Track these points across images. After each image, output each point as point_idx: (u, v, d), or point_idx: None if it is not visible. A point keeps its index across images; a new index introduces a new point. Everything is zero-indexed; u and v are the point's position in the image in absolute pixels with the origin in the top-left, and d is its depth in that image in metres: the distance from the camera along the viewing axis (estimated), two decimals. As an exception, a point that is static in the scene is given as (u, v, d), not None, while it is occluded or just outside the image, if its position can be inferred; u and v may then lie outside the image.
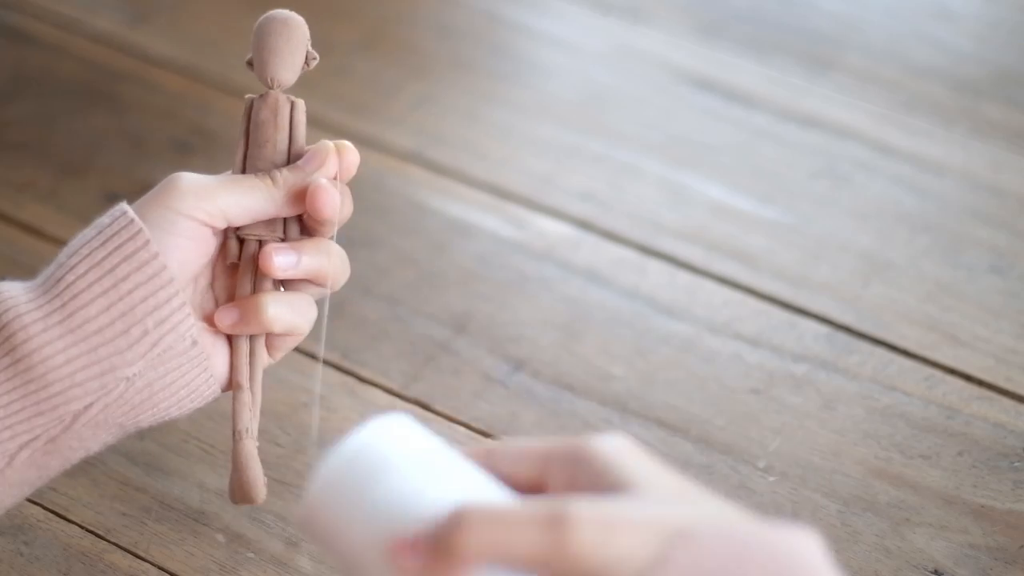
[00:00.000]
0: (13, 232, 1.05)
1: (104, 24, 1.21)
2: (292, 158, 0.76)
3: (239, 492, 0.75)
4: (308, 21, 0.80)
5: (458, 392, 0.93)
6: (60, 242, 1.05)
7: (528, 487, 0.56)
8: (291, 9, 0.80)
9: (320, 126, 1.12)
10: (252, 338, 0.76)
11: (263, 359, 0.76)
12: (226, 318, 0.75)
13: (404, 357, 0.96)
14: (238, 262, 0.77)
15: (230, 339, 0.76)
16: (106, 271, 0.70)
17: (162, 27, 1.21)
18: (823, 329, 0.97)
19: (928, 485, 0.88)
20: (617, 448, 0.55)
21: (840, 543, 0.85)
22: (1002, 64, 1.17)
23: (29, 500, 0.87)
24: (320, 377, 0.92)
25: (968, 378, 0.94)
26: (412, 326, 0.97)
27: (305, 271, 0.75)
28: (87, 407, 0.70)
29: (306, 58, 0.79)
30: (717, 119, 1.13)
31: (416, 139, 1.11)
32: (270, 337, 0.76)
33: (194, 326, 0.72)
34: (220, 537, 0.86)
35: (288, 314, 0.75)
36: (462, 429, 0.91)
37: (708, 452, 0.90)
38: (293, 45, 0.78)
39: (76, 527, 0.86)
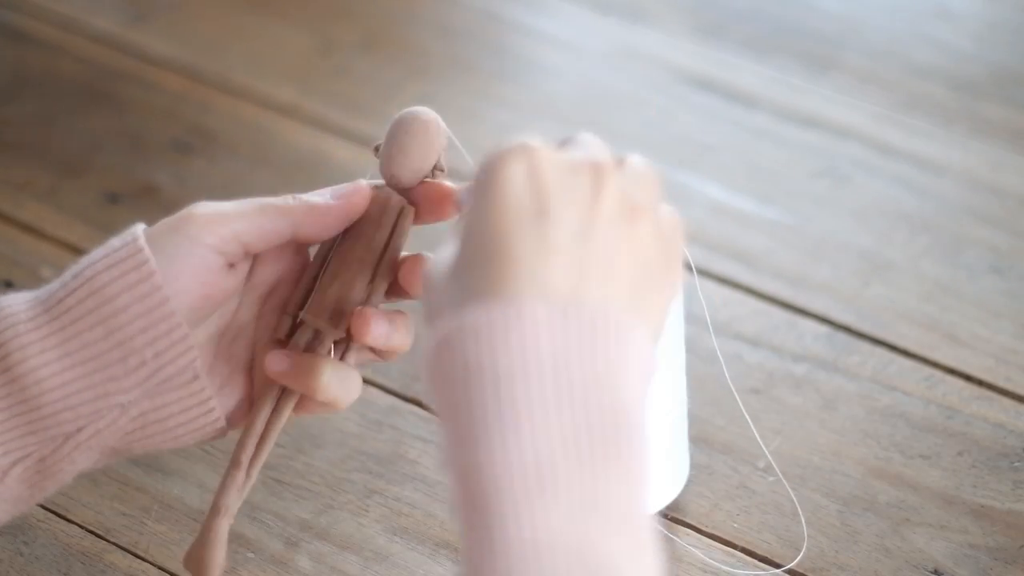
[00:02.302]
0: (13, 232, 1.05)
1: (104, 24, 1.21)
2: (383, 263, 0.73)
3: (194, 565, 0.72)
4: (309, 21, 0.80)
5: (458, 392, 0.93)
6: (60, 242, 1.05)
7: None
8: (292, 9, 0.79)
9: (320, 126, 1.12)
10: (273, 415, 0.73)
11: (273, 440, 0.73)
12: (276, 364, 0.72)
13: (404, 357, 0.95)
14: (285, 340, 0.73)
15: (252, 398, 0.74)
16: (107, 299, 0.69)
17: (162, 27, 1.21)
18: (823, 329, 0.97)
19: (928, 485, 0.88)
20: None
21: (840, 543, 0.85)
22: (1002, 64, 1.17)
23: (29, 500, 0.88)
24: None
25: (968, 378, 0.94)
26: (411, 326, 0.97)
27: (386, 346, 0.73)
28: (78, 430, 0.69)
29: (434, 168, 0.75)
30: (717, 119, 1.13)
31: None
32: (307, 400, 0.73)
33: (197, 360, 0.70)
34: (220, 537, 0.86)
35: (337, 387, 0.72)
36: (462, 429, 0.91)
37: (708, 452, 0.90)
38: (426, 151, 0.74)
39: (76, 527, 0.86)
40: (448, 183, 0.75)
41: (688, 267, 1.00)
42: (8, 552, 0.85)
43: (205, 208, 0.71)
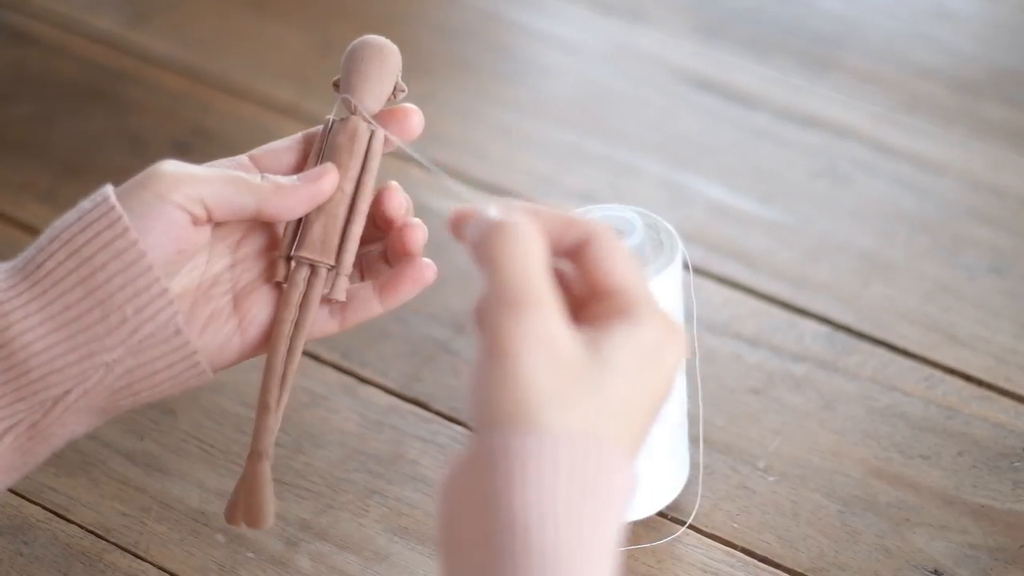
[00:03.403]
0: (13, 232, 1.05)
1: (104, 24, 1.21)
2: (361, 189, 0.75)
3: (248, 514, 0.73)
4: (309, 21, 0.80)
5: (458, 392, 0.93)
6: (60, 242, 1.05)
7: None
8: (292, 9, 0.80)
9: (320, 126, 1.12)
10: (288, 357, 0.74)
11: (292, 377, 0.74)
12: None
13: (404, 357, 0.96)
14: (283, 282, 0.75)
15: (241, 342, 0.75)
16: (85, 259, 0.70)
17: (162, 27, 1.21)
18: (823, 329, 0.97)
19: (928, 485, 0.88)
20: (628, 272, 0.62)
21: (840, 543, 0.85)
22: (1002, 64, 1.17)
23: (29, 500, 0.88)
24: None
25: (968, 378, 0.94)
26: (412, 326, 0.97)
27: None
28: (66, 392, 0.70)
29: (394, 89, 0.77)
30: (717, 119, 1.13)
31: (416, 139, 1.11)
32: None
33: (177, 314, 0.71)
34: (220, 537, 0.86)
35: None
36: (462, 429, 0.91)
37: (708, 452, 0.90)
38: (383, 73, 0.77)
39: (76, 527, 0.86)
40: (410, 105, 0.78)
41: (687, 267, 1.00)
42: (8, 552, 0.85)
43: (173, 166, 0.72)
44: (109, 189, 0.72)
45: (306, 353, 0.96)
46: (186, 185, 0.71)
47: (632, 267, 0.63)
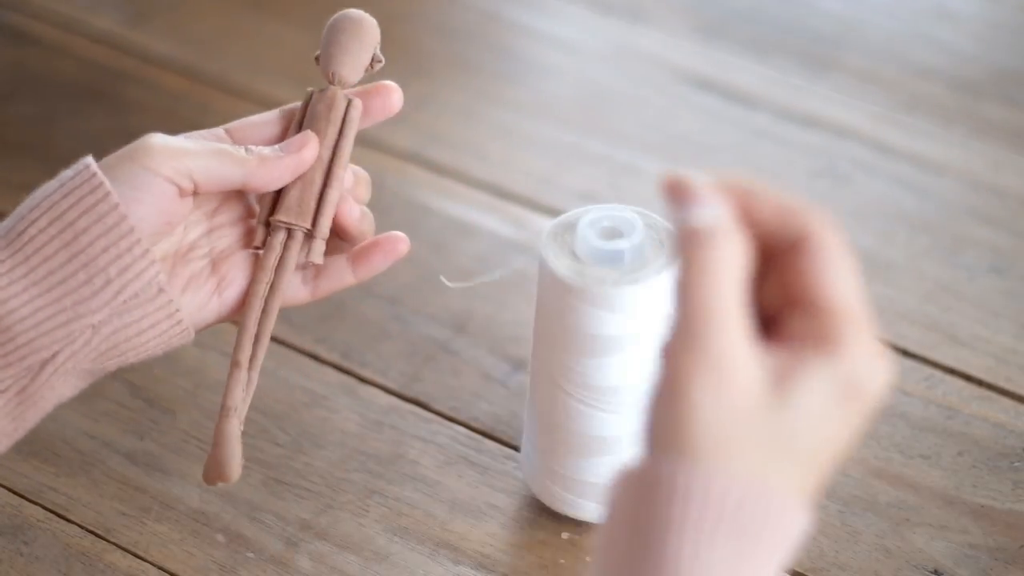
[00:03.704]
0: (13, 232, 1.05)
1: (104, 24, 1.21)
2: (338, 155, 0.78)
3: (214, 469, 0.75)
4: (309, 21, 0.80)
5: (458, 392, 0.93)
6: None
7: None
8: (292, 9, 0.80)
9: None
10: (262, 318, 0.76)
11: (267, 338, 0.77)
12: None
13: (404, 357, 0.96)
14: (261, 248, 0.77)
15: (237, 310, 0.77)
16: (67, 224, 0.71)
17: (162, 27, 1.21)
18: (823, 329, 0.97)
19: (928, 485, 0.88)
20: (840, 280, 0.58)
21: (840, 543, 0.85)
22: (1002, 64, 1.17)
23: (29, 500, 0.88)
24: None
25: (968, 378, 0.94)
26: (412, 326, 0.97)
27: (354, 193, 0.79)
28: (54, 355, 0.71)
29: (372, 60, 0.80)
30: (717, 119, 1.13)
31: (416, 139, 1.11)
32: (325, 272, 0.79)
33: (160, 273, 0.72)
34: (220, 537, 0.86)
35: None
36: (462, 429, 0.91)
37: (708, 452, 0.90)
38: (361, 44, 0.80)
39: (76, 527, 0.86)
40: (390, 82, 0.80)
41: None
42: (8, 552, 0.85)
43: (161, 140, 0.74)
44: (90, 159, 0.73)
45: (306, 353, 0.96)
46: (174, 158, 0.73)
47: (851, 282, 0.58)
